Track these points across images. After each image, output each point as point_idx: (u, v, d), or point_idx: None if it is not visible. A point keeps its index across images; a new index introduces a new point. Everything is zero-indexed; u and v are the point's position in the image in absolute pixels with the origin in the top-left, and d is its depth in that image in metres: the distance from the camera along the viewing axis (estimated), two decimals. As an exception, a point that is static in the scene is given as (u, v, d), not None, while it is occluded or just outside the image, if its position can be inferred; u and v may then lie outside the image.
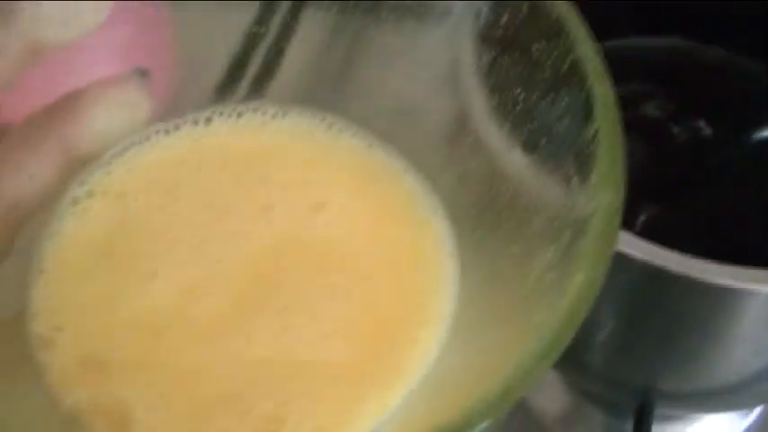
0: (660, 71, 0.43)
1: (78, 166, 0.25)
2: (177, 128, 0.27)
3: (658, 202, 0.39)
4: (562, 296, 0.19)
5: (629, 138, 0.40)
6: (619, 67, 0.42)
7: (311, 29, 0.28)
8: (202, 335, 0.24)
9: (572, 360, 0.37)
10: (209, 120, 0.27)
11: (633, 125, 0.41)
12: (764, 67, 0.43)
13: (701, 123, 0.41)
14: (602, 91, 0.22)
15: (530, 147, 0.23)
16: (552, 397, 0.44)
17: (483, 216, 0.25)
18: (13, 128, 0.25)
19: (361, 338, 0.23)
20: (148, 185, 0.26)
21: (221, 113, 0.27)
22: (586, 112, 0.22)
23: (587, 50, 0.23)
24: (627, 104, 0.41)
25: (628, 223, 0.37)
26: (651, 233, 0.37)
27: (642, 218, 0.38)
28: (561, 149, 0.22)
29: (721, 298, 0.32)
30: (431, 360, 0.23)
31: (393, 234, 0.25)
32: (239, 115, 0.27)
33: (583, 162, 0.21)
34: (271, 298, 0.24)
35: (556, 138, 0.22)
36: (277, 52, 0.28)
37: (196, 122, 0.27)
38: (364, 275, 0.24)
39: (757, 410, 0.43)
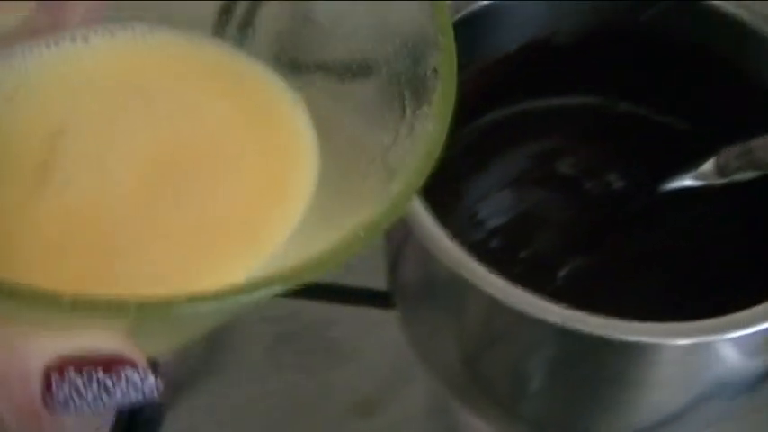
0: (572, 128, 0.45)
1: None
2: (57, 43, 0.29)
3: (576, 255, 0.41)
4: (390, 188, 0.25)
5: (545, 195, 0.43)
6: (533, 127, 0.45)
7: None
8: (99, 226, 0.26)
9: (509, 410, 0.39)
10: (85, 37, 0.29)
11: (547, 182, 0.44)
12: (672, 119, 0.44)
13: (612, 177, 0.43)
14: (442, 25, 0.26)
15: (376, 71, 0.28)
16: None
17: (336, 114, 0.29)
18: None
19: (239, 209, 0.27)
20: (37, 91, 0.28)
21: (96, 32, 0.29)
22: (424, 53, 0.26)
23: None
24: (541, 162, 0.44)
25: (549, 278, 0.40)
26: (572, 286, 0.40)
27: (563, 272, 0.40)
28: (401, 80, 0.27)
29: (636, 352, 0.34)
30: (293, 228, 0.27)
31: (259, 128, 0.29)
32: (112, 34, 0.29)
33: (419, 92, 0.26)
34: (157, 189, 0.27)
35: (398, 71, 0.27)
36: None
37: (74, 39, 0.29)
38: (234, 163, 0.28)
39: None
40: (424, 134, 0.25)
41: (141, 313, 0.21)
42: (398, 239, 0.37)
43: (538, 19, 0.42)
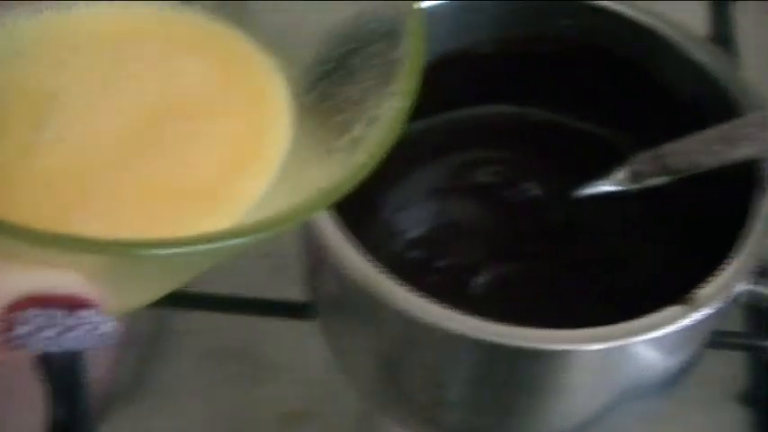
0: (490, 137, 0.45)
1: None
2: (41, 11, 0.30)
3: (495, 264, 0.41)
4: (353, 159, 0.27)
5: (463, 205, 0.44)
6: (451, 137, 0.45)
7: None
8: (91, 180, 0.28)
9: (430, 420, 0.40)
10: (69, 6, 0.31)
11: (466, 192, 0.44)
12: (591, 125, 0.45)
13: (531, 185, 0.43)
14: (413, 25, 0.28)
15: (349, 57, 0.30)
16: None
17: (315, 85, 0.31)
18: None
19: (214, 168, 0.29)
20: (26, 56, 0.30)
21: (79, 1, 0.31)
22: (397, 37, 0.28)
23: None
24: (459, 172, 0.44)
25: (466, 288, 0.41)
26: (490, 295, 0.41)
27: (480, 281, 0.41)
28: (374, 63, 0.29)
29: (551, 359, 0.34)
30: (262, 192, 0.28)
31: (241, 91, 0.31)
32: (95, 4, 0.31)
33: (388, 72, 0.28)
34: (140, 147, 0.29)
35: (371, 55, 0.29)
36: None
37: (59, 8, 0.31)
38: (213, 124, 0.30)
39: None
40: (389, 110, 0.27)
41: (109, 252, 0.22)
42: (314, 254, 0.38)
43: (452, 31, 0.42)
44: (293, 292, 0.42)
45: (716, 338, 0.45)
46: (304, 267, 0.41)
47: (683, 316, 0.34)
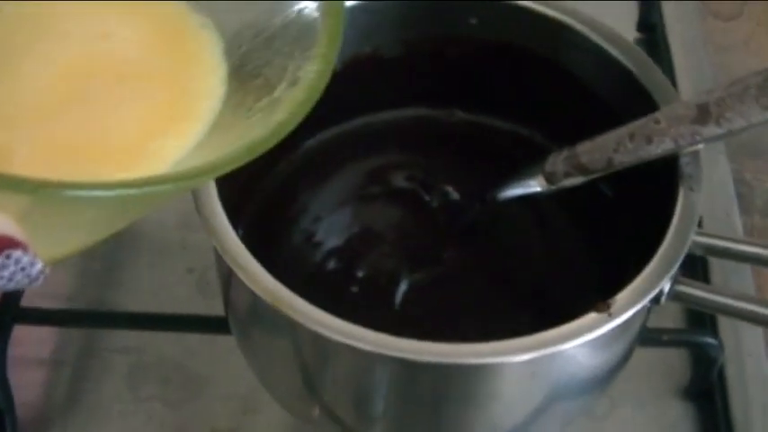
0: (406, 142, 0.44)
1: None
2: None
3: (415, 271, 0.41)
4: (273, 118, 0.28)
5: (382, 211, 0.43)
6: (368, 143, 0.44)
7: None
8: (19, 129, 0.29)
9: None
10: None
11: (385, 198, 0.43)
12: (510, 125, 0.44)
13: (449, 188, 0.43)
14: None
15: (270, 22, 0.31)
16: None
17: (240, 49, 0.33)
18: None
19: (142, 125, 0.30)
20: None
21: None
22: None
23: None
24: (377, 178, 0.44)
25: (387, 297, 0.40)
26: (411, 304, 0.40)
27: (401, 290, 0.40)
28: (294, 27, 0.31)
29: (477, 373, 0.34)
30: (195, 141, 0.30)
31: (174, 51, 0.32)
32: None
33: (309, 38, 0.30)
34: (76, 104, 0.30)
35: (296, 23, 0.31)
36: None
37: None
38: (150, 80, 0.31)
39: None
40: (309, 73, 0.28)
41: (40, 191, 0.23)
42: (224, 273, 0.37)
43: (356, 34, 0.41)
44: (219, 306, 0.41)
45: (654, 335, 0.45)
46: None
47: (603, 323, 0.33)
